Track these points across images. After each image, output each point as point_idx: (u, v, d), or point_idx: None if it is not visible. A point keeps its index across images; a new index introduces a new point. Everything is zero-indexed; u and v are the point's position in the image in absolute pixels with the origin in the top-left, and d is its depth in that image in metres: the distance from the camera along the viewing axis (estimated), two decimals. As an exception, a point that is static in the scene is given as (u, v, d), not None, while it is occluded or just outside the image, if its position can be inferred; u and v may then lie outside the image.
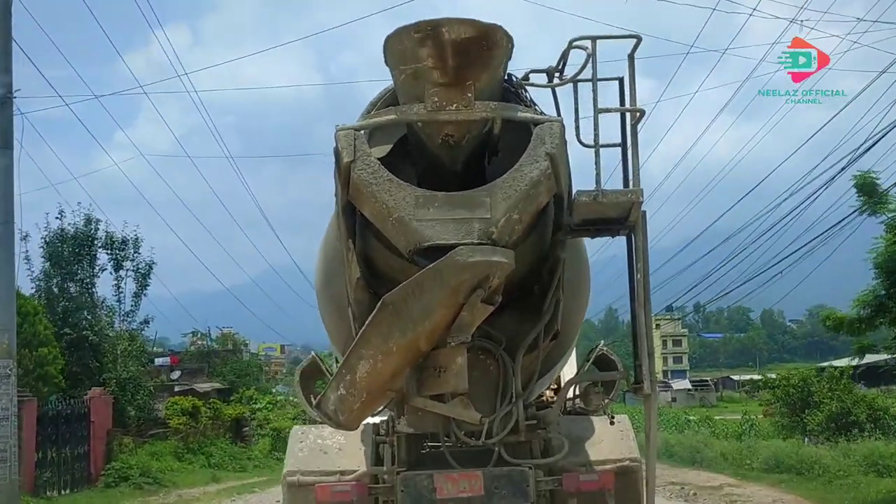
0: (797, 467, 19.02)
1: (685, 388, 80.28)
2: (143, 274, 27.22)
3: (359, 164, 4.55)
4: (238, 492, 20.85)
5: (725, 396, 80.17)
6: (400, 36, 4.36)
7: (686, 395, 76.06)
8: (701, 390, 79.84)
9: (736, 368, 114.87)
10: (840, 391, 23.14)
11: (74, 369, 23.95)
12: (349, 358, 4.60)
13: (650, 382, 5.17)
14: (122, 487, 19.61)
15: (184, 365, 41.54)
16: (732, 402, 74.31)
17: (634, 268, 5.26)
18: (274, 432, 31.50)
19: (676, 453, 26.51)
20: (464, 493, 5.50)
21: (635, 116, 5.10)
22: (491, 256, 4.35)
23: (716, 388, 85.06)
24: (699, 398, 74.14)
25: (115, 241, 26.43)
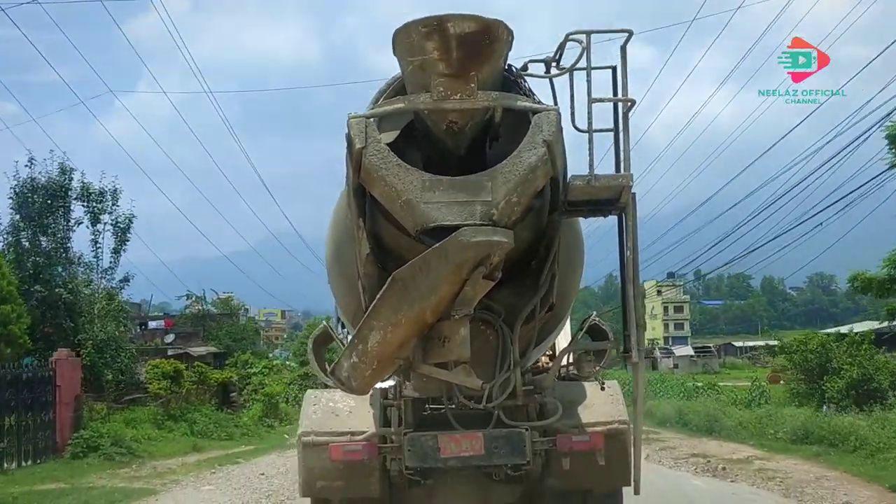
0: (829, 438, 17.72)
1: (687, 355, 79.84)
2: (122, 228, 25.34)
3: (370, 150, 4.96)
4: (220, 462, 19.26)
5: (728, 363, 79.70)
6: (408, 30, 4.75)
7: (689, 361, 75.57)
8: (703, 357, 79.32)
9: (736, 336, 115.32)
10: (861, 357, 21.95)
11: (46, 329, 22.49)
12: (361, 329, 5.06)
13: (638, 352, 5.64)
14: (90, 458, 17.90)
15: (178, 328, 41.39)
16: (735, 368, 74.05)
17: (625, 245, 5.72)
18: (266, 398, 30.63)
19: (691, 422, 25.81)
20: (465, 453, 6.01)
21: (626, 105, 5.52)
22: (492, 237, 4.78)
23: (718, 354, 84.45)
24: (702, 365, 73.69)
25: (91, 193, 24.46)
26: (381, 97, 5.49)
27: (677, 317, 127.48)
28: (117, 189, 25.17)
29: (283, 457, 20.31)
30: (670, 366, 72.25)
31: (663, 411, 29.26)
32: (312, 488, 6.71)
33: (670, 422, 27.59)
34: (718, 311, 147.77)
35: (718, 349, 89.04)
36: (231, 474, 17.15)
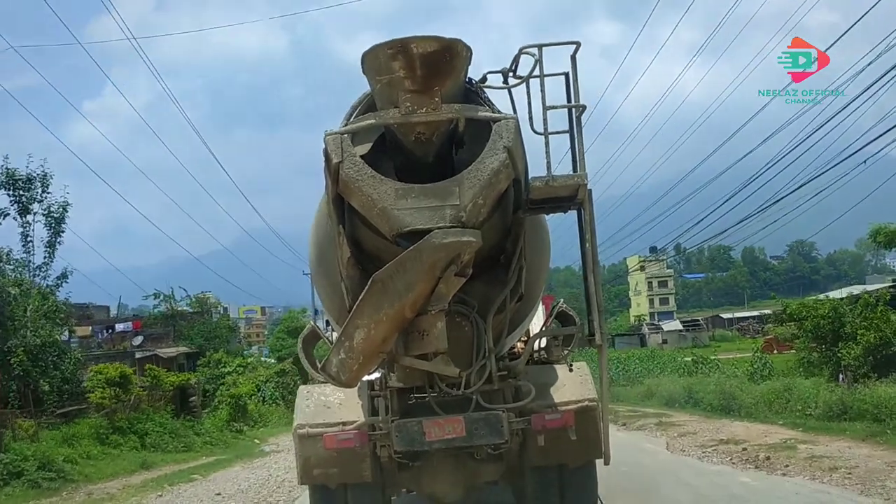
0: (872, 413, 15.58)
1: (676, 330, 79.73)
2: (55, 218, 22.88)
3: (346, 164, 5.50)
4: (171, 481, 16.34)
5: (717, 336, 78.99)
6: (375, 52, 5.29)
7: (677, 336, 75.32)
8: (692, 330, 78.91)
9: (721, 308, 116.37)
10: (877, 320, 19.80)
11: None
12: (347, 327, 5.61)
13: (601, 335, 6.24)
14: (13, 486, 14.93)
15: (149, 330, 39.80)
16: (725, 340, 73.45)
17: (584, 238, 6.31)
18: (232, 400, 28.41)
19: (703, 400, 23.86)
20: (448, 436, 6.59)
21: (578, 110, 6.09)
22: (461, 237, 5.34)
23: (707, 327, 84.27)
24: (691, 339, 73.30)
25: (18, 179, 22.08)
26: (354, 113, 6.02)
27: (662, 291, 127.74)
28: (47, 174, 22.61)
29: (248, 468, 18.28)
30: (659, 341, 71.83)
31: (669, 390, 27.83)
32: (310, 475, 7.28)
33: (679, 402, 26.17)
34: (701, 284, 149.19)
35: (706, 322, 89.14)
36: (181, 496, 14.47)
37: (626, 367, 38.85)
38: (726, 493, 10.91)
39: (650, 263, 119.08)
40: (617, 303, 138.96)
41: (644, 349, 60.06)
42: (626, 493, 10.38)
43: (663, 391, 28.29)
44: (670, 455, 15.91)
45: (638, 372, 37.02)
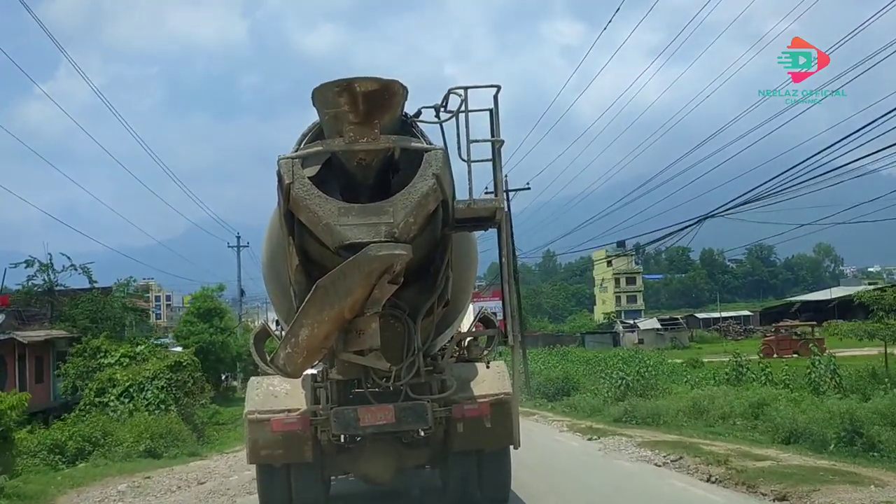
0: None
1: (653, 329, 76.25)
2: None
3: (296, 185, 6.72)
4: None
5: (696, 336, 74.66)
6: (324, 89, 6.54)
7: (654, 335, 72.17)
8: (672, 330, 74.80)
9: (678, 310, 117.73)
10: None
11: None
12: (293, 326, 6.83)
13: (514, 337, 7.58)
14: None
15: (18, 307, 32.23)
16: (705, 342, 68.87)
17: (501, 253, 7.62)
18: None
19: (816, 432, 13.66)
20: (380, 422, 7.87)
21: (498, 143, 7.39)
22: (394, 250, 6.60)
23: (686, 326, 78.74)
24: (670, 339, 69.95)
25: None
26: (304, 139, 7.24)
27: (629, 289, 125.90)
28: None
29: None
30: (634, 341, 68.99)
31: (739, 408, 17.63)
32: (257, 456, 8.52)
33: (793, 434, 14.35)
34: (660, 285, 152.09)
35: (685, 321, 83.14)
36: None
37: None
38: None
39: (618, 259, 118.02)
40: (574, 301, 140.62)
41: (618, 348, 57.72)
42: None
43: (721, 408, 18.09)
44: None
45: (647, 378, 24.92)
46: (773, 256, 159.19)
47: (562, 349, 52.09)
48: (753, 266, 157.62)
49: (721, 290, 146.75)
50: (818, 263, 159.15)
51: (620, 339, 72.17)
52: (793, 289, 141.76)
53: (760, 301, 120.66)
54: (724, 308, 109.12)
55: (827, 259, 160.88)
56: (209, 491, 13.06)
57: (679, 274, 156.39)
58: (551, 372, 33.94)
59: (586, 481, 11.92)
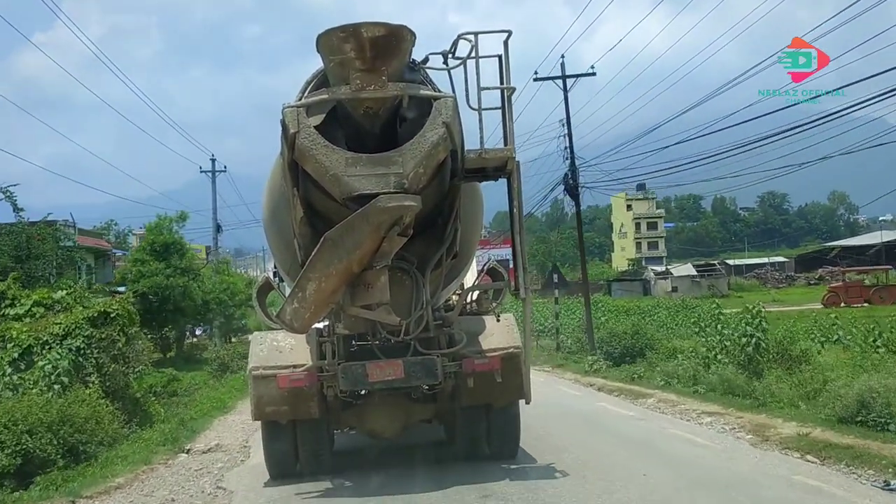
0: None
1: (688, 275, 69.48)
2: None
3: (302, 134, 6.71)
4: None
5: (734, 284, 67.78)
6: (329, 34, 6.50)
7: (689, 282, 66.32)
8: (709, 276, 68.14)
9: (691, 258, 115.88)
10: None
11: None
12: (300, 280, 6.87)
13: (525, 289, 7.63)
14: None
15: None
16: (744, 290, 62.76)
17: (512, 204, 7.63)
18: None
19: None
20: (389, 377, 7.94)
21: (509, 91, 7.35)
22: (403, 202, 6.62)
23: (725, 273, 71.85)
24: (707, 286, 63.59)
25: None
26: (308, 87, 7.21)
27: (650, 234, 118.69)
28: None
29: None
30: (668, 289, 64.34)
31: None
32: (263, 412, 8.57)
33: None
34: (671, 233, 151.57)
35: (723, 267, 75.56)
36: None
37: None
38: None
39: (638, 201, 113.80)
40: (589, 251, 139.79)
41: (648, 298, 54.50)
42: None
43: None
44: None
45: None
46: (786, 204, 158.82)
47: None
48: (766, 214, 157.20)
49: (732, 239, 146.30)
50: (832, 212, 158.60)
51: (652, 286, 67.61)
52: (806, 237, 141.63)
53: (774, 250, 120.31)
54: (747, 256, 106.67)
55: (842, 207, 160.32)
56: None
57: (691, 222, 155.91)
58: (612, 324, 26.42)
59: None
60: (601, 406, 15.02)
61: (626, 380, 18.06)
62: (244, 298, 36.33)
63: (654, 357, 19.52)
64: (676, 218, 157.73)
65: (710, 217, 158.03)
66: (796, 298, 35.56)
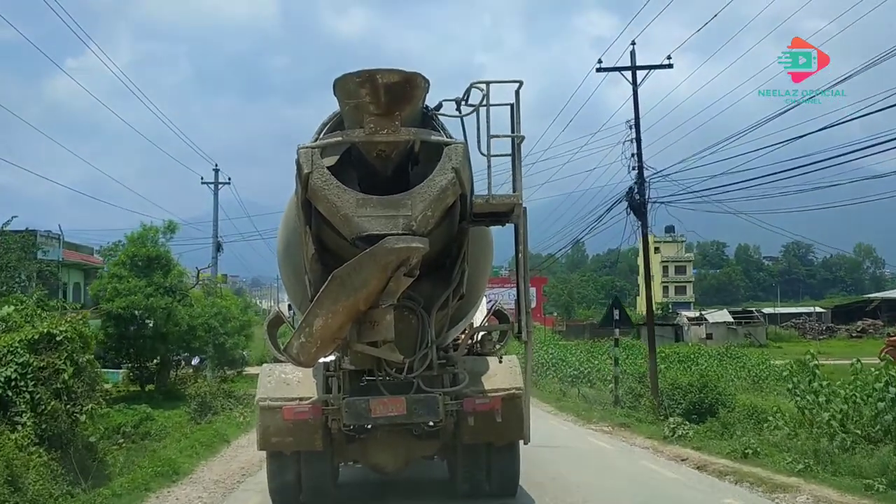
0: None
1: (724, 322, 66.84)
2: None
3: (315, 174, 6.99)
4: None
5: (770, 333, 65.75)
6: (346, 79, 6.81)
7: (726, 330, 63.84)
8: (747, 324, 66.01)
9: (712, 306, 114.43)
10: None
11: None
12: (308, 315, 7.11)
13: (527, 332, 7.83)
14: None
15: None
16: (782, 340, 61.98)
17: (518, 249, 7.86)
18: None
19: None
20: (391, 413, 8.16)
21: (518, 139, 7.62)
22: (411, 243, 6.86)
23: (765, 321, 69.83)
24: (744, 334, 62.13)
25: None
26: (324, 129, 7.52)
27: (679, 279, 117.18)
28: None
29: None
30: (702, 335, 62.28)
31: None
32: (268, 443, 8.82)
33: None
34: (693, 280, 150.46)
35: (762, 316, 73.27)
36: None
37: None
38: None
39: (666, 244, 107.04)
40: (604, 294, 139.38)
41: (681, 344, 52.87)
42: None
43: None
44: None
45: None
46: (810, 255, 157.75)
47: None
48: (790, 264, 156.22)
49: (756, 288, 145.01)
50: (858, 264, 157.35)
51: (685, 332, 65.02)
52: (830, 289, 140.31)
53: (798, 300, 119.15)
54: (779, 304, 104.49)
55: (868, 260, 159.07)
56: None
57: (713, 269, 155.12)
58: (674, 374, 23.99)
59: None
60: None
61: (733, 455, 13.37)
62: (238, 326, 33.52)
63: (730, 417, 16.22)
64: (699, 264, 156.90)
65: (734, 265, 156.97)
66: (843, 351, 32.99)
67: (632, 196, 21.51)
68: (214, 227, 42.64)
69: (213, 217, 42.55)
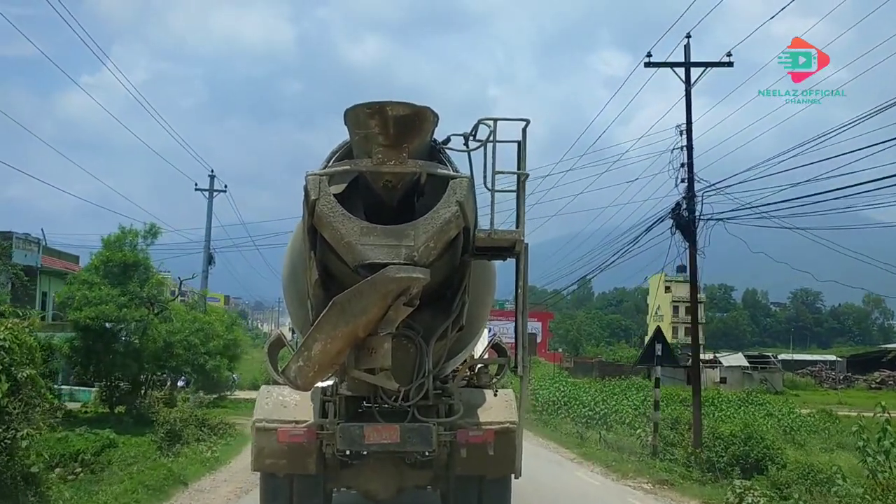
0: None
1: (739, 366, 65.94)
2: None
3: (321, 201, 7.13)
4: None
5: (786, 380, 64.32)
6: (356, 110, 6.96)
7: (741, 374, 62.83)
8: (763, 370, 65.37)
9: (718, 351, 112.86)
10: None
11: None
12: (307, 340, 7.22)
13: (522, 367, 7.91)
14: None
15: None
16: (798, 387, 61.08)
17: (518, 284, 7.97)
18: None
19: None
20: (385, 440, 8.24)
21: (523, 176, 7.76)
22: (411, 273, 6.97)
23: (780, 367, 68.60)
24: (759, 380, 61.29)
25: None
26: (333, 157, 7.67)
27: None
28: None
29: None
30: (715, 379, 60.40)
31: None
32: (262, 464, 8.92)
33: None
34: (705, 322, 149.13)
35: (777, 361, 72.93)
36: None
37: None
38: None
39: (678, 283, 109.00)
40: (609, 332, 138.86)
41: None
42: None
43: None
44: None
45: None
46: (818, 303, 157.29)
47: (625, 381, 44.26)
48: (798, 311, 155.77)
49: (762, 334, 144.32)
50: (866, 315, 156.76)
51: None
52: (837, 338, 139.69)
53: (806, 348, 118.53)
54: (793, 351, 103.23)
55: (876, 311, 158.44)
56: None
57: (720, 313, 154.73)
58: (713, 421, 21.78)
59: None
60: None
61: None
62: (222, 345, 30.98)
63: (782, 476, 14.14)
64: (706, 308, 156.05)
65: (741, 309, 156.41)
66: (864, 402, 31.83)
67: (678, 213, 18.79)
68: (207, 235, 40.63)
69: (206, 225, 40.53)
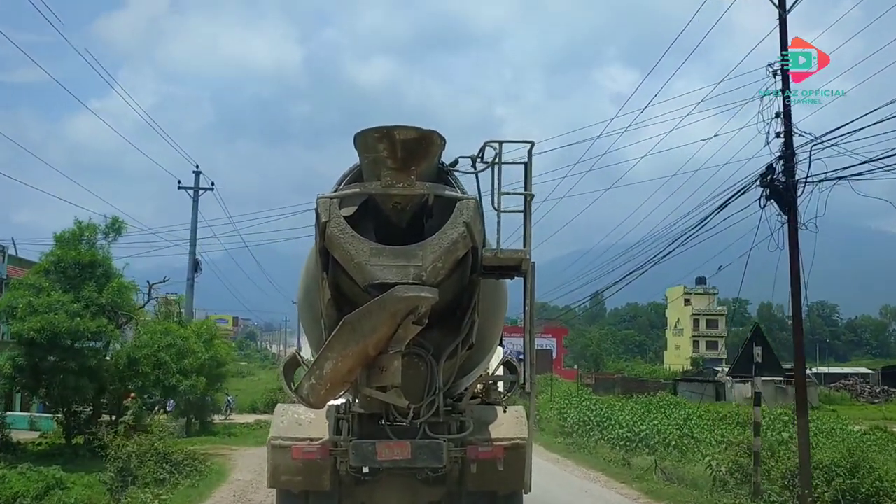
0: None
1: (772, 380, 56.42)
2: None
3: (332, 223, 7.34)
4: None
5: (821, 395, 60.84)
6: (365, 134, 7.17)
7: (775, 389, 56.83)
8: None
9: None
10: None
11: None
12: (319, 359, 7.41)
13: (530, 384, 8.09)
14: None
15: None
16: (834, 402, 59.54)
17: (525, 302, 8.14)
18: None
19: None
20: (396, 457, 8.44)
21: (529, 196, 7.95)
22: (420, 293, 7.15)
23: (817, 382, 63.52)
24: (792, 395, 56.14)
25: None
26: (344, 180, 7.89)
27: (710, 333, 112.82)
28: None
29: None
30: (747, 394, 51.27)
31: None
32: (277, 481, 9.17)
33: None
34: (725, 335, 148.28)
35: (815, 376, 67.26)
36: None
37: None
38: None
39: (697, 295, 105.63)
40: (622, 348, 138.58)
41: (725, 403, 49.68)
42: None
43: None
44: None
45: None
46: (835, 316, 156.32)
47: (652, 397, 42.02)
48: (814, 324, 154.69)
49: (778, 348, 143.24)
50: (884, 327, 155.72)
51: (728, 391, 60.55)
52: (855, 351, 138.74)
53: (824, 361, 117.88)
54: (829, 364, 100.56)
55: (894, 323, 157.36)
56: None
57: (734, 327, 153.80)
58: (770, 443, 19.22)
59: None
60: None
61: None
62: (197, 364, 25.55)
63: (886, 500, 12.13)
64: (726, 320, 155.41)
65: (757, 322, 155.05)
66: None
67: (772, 177, 15.16)
68: (192, 236, 37.15)
69: (191, 226, 37.28)
